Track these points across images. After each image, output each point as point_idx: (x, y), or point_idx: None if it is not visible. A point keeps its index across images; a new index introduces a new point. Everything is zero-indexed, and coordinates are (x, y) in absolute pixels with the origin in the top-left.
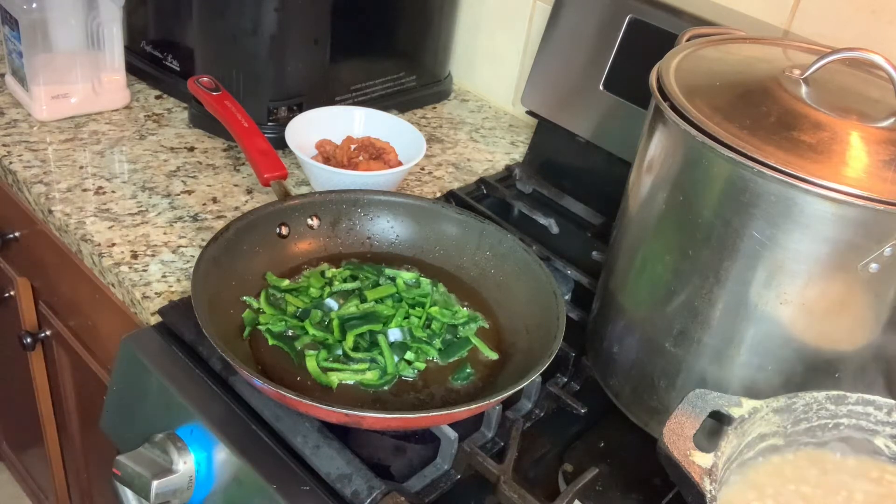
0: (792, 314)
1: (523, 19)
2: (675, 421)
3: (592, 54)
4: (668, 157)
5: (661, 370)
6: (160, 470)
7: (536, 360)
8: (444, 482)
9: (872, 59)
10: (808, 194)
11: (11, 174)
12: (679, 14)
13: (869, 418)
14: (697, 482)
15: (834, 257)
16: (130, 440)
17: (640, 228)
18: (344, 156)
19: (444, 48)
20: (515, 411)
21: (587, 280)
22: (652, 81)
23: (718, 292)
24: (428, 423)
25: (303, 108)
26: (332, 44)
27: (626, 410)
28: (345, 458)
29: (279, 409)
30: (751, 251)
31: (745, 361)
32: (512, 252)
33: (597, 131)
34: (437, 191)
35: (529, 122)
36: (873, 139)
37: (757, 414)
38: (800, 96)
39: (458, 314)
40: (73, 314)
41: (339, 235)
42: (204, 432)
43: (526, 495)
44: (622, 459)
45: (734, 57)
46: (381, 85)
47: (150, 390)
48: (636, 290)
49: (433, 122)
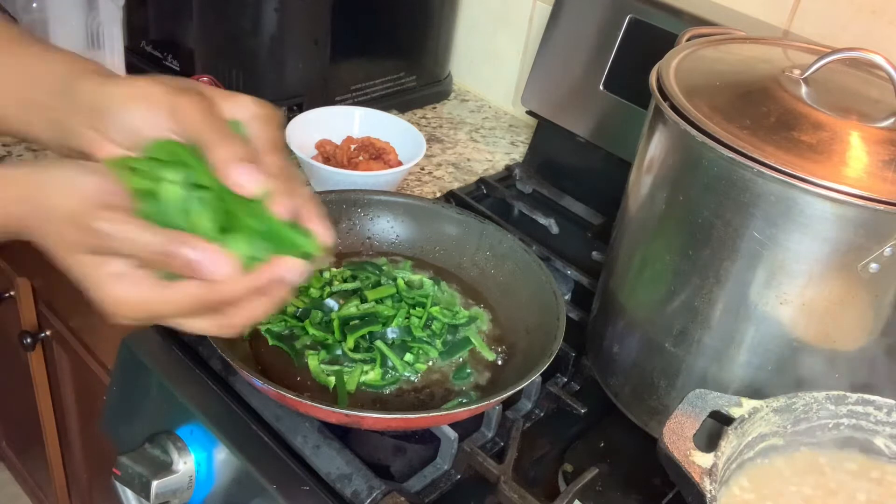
0: (792, 314)
1: (523, 19)
2: (675, 421)
3: (592, 54)
4: (668, 157)
5: (661, 370)
6: (160, 470)
7: (536, 360)
8: (444, 482)
9: (872, 59)
10: (808, 194)
11: None
12: (679, 14)
13: (869, 418)
14: (697, 482)
15: (834, 257)
16: (130, 440)
17: (640, 228)
18: (344, 156)
19: (444, 48)
20: (515, 411)
21: (587, 280)
22: (652, 81)
23: (718, 292)
24: (428, 423)
25: (303, 108)
26: (332, 44)
27: (626, 410)
28: (345, 458)
29: (279, 409)
30: (751, 251)
31: (745, 361)
32: (512, 252)
33: (597, 131)
34: (437, 191)
35: (529, 122)
36: (873, 139)
37: (757, 414)
38: (800, 96)
39: (459, 314)
40: (73, 314)
41: (339, 235)
42: (204, 432)
43: (526, 495)
44: (622, 459)
45: (734, 57)
46: (381, 85)
47: (150, 390)
48: (636, 290)
49: (433, 122)
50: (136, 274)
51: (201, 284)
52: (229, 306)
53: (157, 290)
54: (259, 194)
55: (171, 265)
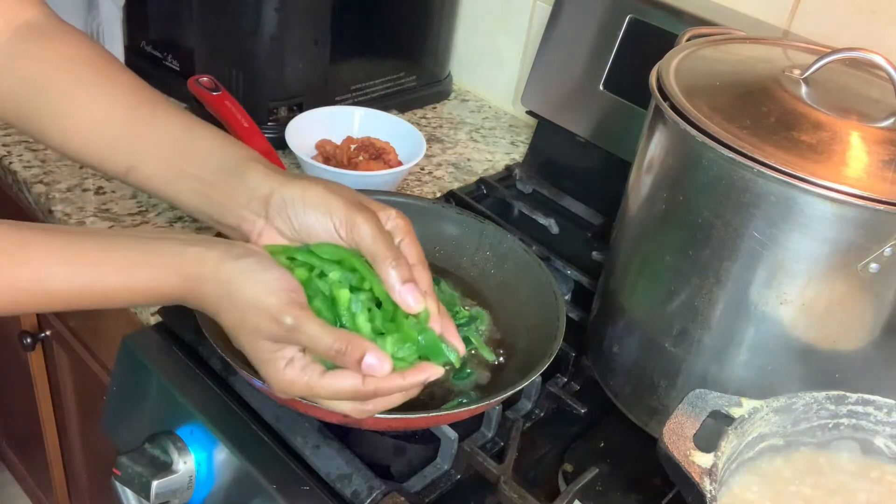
0: (792, 314)
1: (523, 19)
2: (675, 421)
3: (592, 54)
4: (668, 157)
5: (661, 370)
6: (160, 470)
7: (536, 360)
8: (444, 482)
9: (872, 59)
10: (808, 194)
11: (11, 174)
12: (679, 14)
13: (869, 418)
14: (697, 482)
15: (834, 257)
16: (130, 440)
17: (640, 228)
18: (344, 156)
19: (444, 48)
20: (515, 411)
21: (587, 280)
22: (652, 81)
23: (718, 292)
24: (428, 423)
25: (303, 108)
26: (332, 44)
27: (626, 410)
28: (345, 458)
29: (279, 409)
30: (751, 251)
31: (745, 361)
32: (512, 252)
33: (597, 131)
34: (437, 191)
35: (529, 122)
36: (873, 139)
37: (757, 414)
38: (800, 96)
39: (459, 314)
40: (73, 314)
41: None
42: (204, 432)
43: (526, 495)
44: (622, 459)
45: (734, 57)
46: (381, 85)
47: (150, 390)
48: (636, 290)
49: (433, 122)
50: (305, 360)
51: (358, 377)
52: (376, 397)
53: (323, 378)
54: (417, 310)
55: (341, 361)
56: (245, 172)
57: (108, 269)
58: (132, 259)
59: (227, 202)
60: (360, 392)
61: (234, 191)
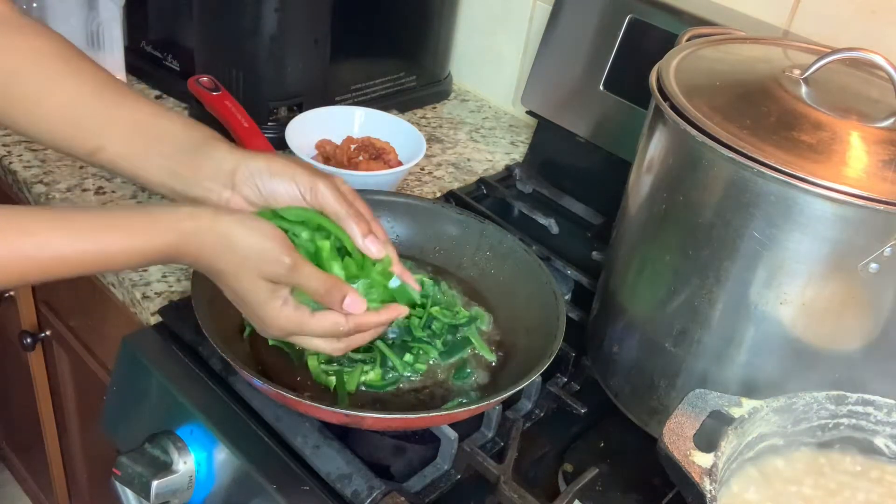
0: (792, 314)
1: (523, 19)
2: (675, 421)
3: (592, 54)
4: (668, 157)
5: (661, 370)
6: (160, 470)
7: (536, 360)
8: (444, 482)
9: (872, 59)
10: (808, 194)
11: (11, 174)
12: (679, 14)
13: (869, 418)
14: (697, 482)
15: (834, 257)
16: (130, 440)
17: (640, 228)
18: (344, 156)
19: (444, 48)
20: (515, 411)
21: (587, 280)
22: (652, 81)
23: (718, 292)
24: (428, 423)
25: (303, 108)
26: (332, 44)
27: (626, 410)
28: (345, 458)
29: (279, 409)
30: (751, 251)
31: (745, 361)
32: (512, 252)
33: (597, 131)
34: (437, 191)
35: (529, 122)
36: (873, 139)
37: (757, 414)
38: (800, 96)
39: (459, 314)
40: (73, 314)
41: None
42: (204, 432)
43: (526, 495)
44: (622, 459)
45: (734, 57)
46: (381, 85)
47: (150, 390)
48: (636, 290)
49: (433, 122)
50: (295, 301)
51: (341, 315)
52: (351, 335)
53: (312, 317)
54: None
55: (327, 301)
56: (210, 150)
57: (108, 231)
58: (130, 221)
59: (194, 176)
60: (342, 329)
61: (200, 166)
